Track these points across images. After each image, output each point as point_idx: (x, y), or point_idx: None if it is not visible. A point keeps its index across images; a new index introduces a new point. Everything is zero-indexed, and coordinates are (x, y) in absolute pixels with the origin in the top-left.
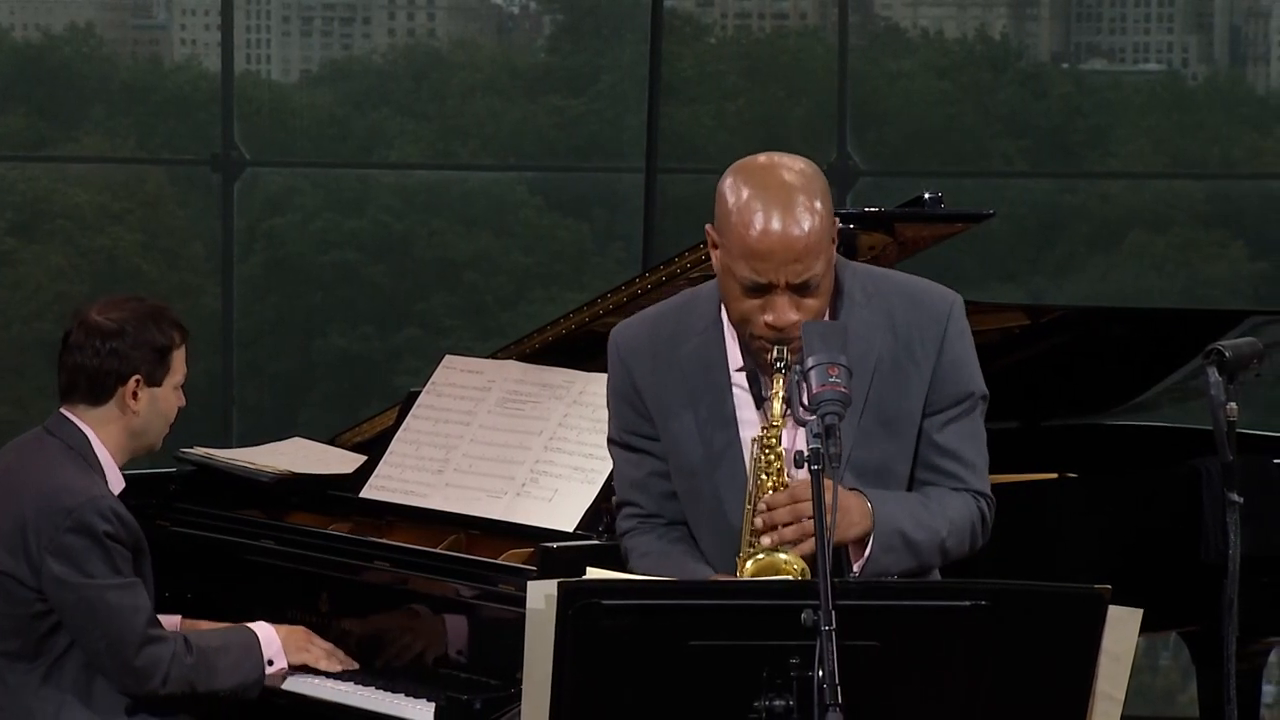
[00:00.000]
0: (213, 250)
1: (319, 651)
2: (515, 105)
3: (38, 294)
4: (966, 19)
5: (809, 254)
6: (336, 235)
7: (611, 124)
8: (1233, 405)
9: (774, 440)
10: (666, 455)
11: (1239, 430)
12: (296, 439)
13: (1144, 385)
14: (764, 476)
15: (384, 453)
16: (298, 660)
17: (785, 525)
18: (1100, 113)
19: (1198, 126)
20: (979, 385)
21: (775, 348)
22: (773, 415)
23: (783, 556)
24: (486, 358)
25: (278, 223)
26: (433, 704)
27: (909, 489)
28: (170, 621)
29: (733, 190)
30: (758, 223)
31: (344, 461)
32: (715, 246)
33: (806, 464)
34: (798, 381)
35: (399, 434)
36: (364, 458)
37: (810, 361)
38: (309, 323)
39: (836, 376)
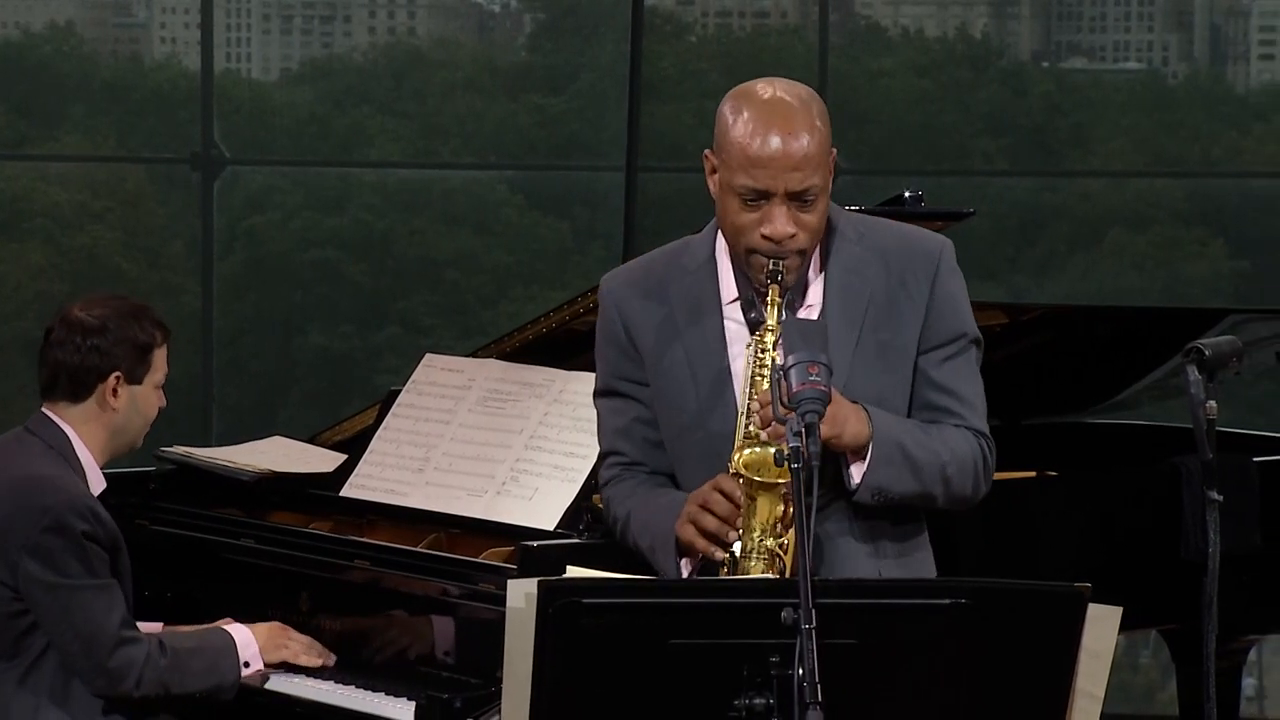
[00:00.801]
0: (193, 249)
1: (297, 646)
2: (496, 104)
3: (18, 293)
4: (947, 18)
5: (807, 163)
6: (317, 234)
7: (592, 123)
8: (1212, 403)
9: (770, 344)
10: (656, 396)
11: (1219, 428)
12: (277, 438)
13: (1124, 384)
14: (759, 377)
15: (364, 451)
16: (276, 658)
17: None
18: (1080, 111)
19: (1178, 125)
20: (972, 327)
21: (771, 261)
22: (768, 320)
23: (773, 450)
24: (467, 356)
25: (258, 221)
26: (413, 703)
27: None
28: (151, 629)
29: (733, 110)
30: (759, 130)
31: (324, 460)
32: (713, 172)
33: (786, 463)
34: (778, 380)
35: (379, 433)
36: (344, 456)
37: (790, 360)
38: (289, 321)
39: (817, 375)
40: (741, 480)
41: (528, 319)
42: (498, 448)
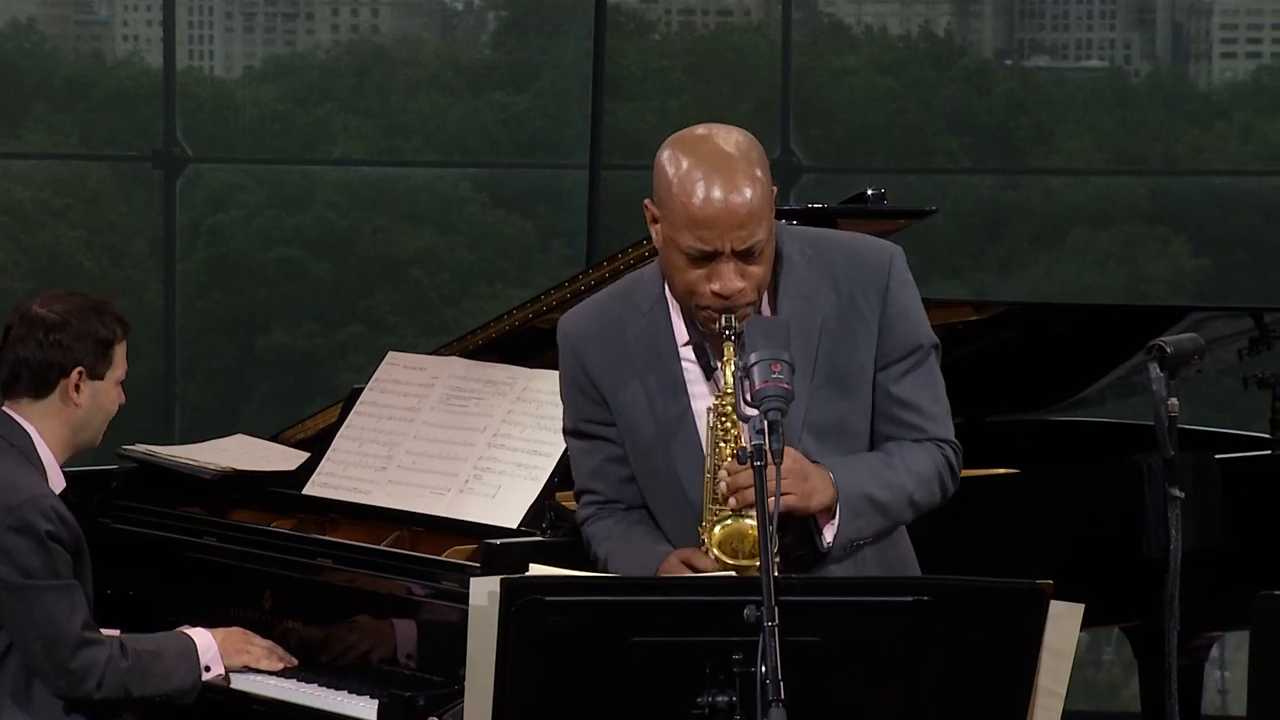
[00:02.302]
0: (155, 247)
1: (259, 651)
2: (459, 102)
3: None
4: (910, 15)
5: (752, 220)
6: (280, 232)
7: (555, 120)
8: (1174, 401)
9: (729, 408)
10: (622, 436)
11: (1181, 426)
12: (239, 436)
13: (1087, 381)
14: (722, 444)
15: (327, 450)
16: (237, 662)
17: (747, 489)
18: (1043, 109)
19: (1140, 123)
20: (928, 335)
21: (723, 316)
22: (725, 383)
23: (748, 521)
24: (430, 354)
25: (221, 219)
26: (376, 701)
27: (871, 445)
28: (109, 635)
29: (671, 162)
30: (700, 191)
31: (287, 458)
32: (655, 221)
33: (750, 460)
34: (740, 378)
35: (342, 431)
36: (307, 455)
37: (753, 358)
38: (252, 319)
39: (779, 372)
40: (716, 559)
41: (491, 317)
42: (461, 446)
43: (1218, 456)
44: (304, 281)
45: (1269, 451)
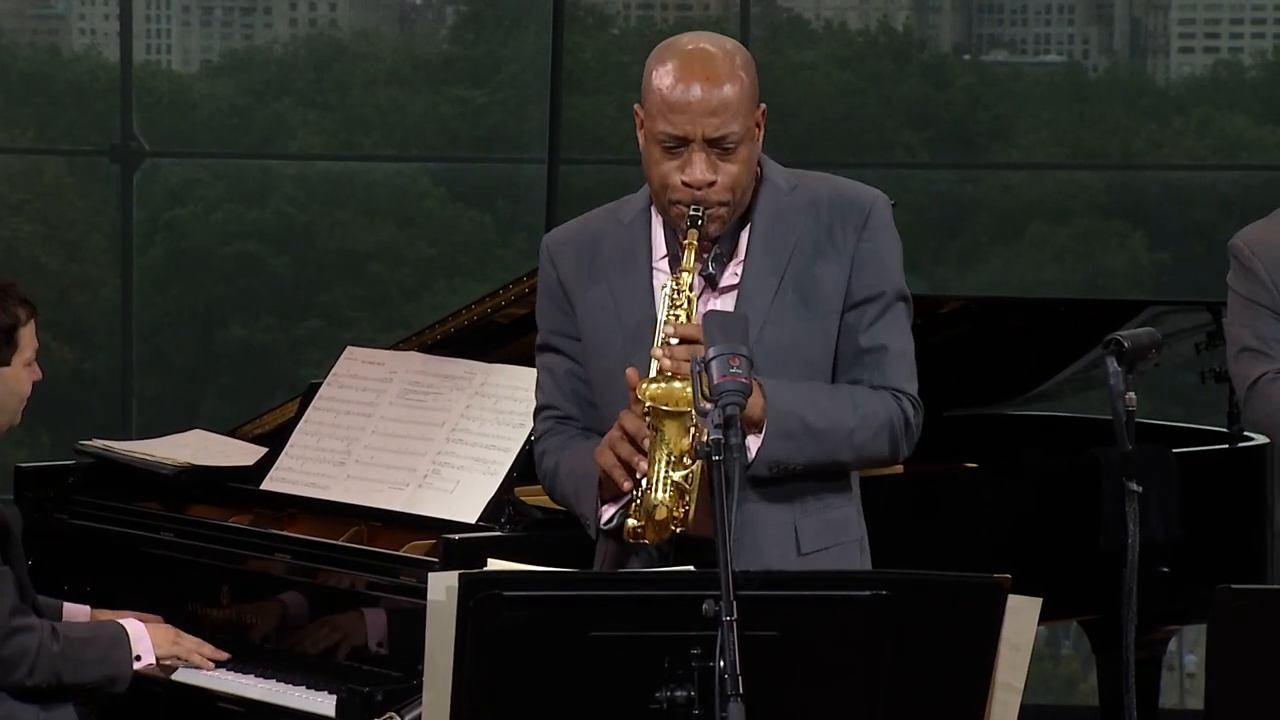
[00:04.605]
0: (113, 241)
1: (189, 644)
2: (418, 96)
3: None
4: (869, 10)
5: (725, 110)
6: (238, 226)
7: (514, 115)
8: (1132, 395)
9: (685, 285)
10: (585, 346)
11: (1139, 420)
12: (197, 431)
13: (1045, 375)
14: (672, 315)
15: (285, 445)
16: (168, 654)
17: (684, 362)
18: (1002, 104)
19: (1098, 118)
20: (899, 284)
21: (691, 207)
22: (685, 262)
23: (678, 384)
24: (388, 349)
25: (179, 214)
26: (334, 696)
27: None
28: (79, 612)
29: (658, 59)
30: (678, 77)
31: (245, 453)
32: (641, 126)
33: (708, 455)
34: (699, 372)
35: (300, 426)
36: (265, 450)
37: (711, 352)
38: (210, 314)
39: (737, 367)
40: (648, 413)
41: (450, 311)
42: (419, 440)
43: (1175, 450)
44: (262, 276)
45: (1226, 445)
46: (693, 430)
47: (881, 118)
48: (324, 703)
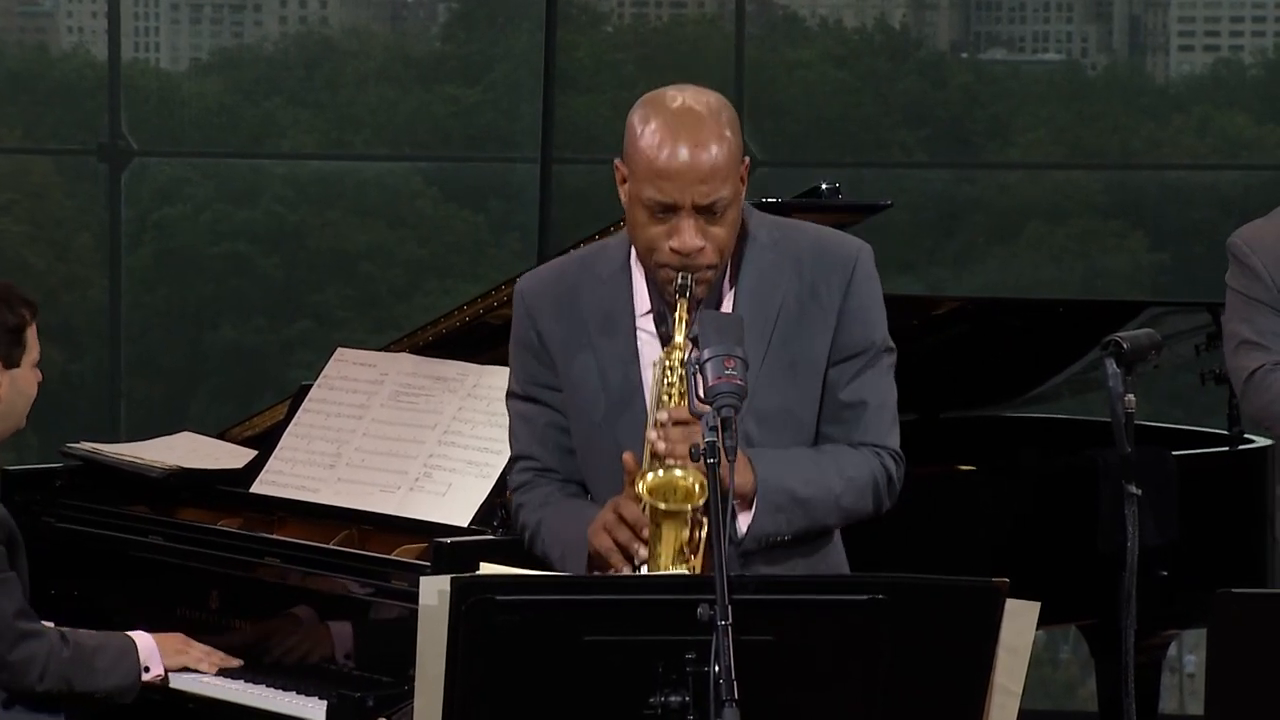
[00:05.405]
0: (101, 241)
1: (197, 653)
2: (409, 94)
3: None
4: (865, 8)
5: (715, 176)
6: (227, 226)
7: (507, 113)
8: (1131, 397)
9: (676, 363)
10: (567, 404)
11: (1138, 422)
12: (186, 433)
13: (1043, 377)
14: (665, 398)
15: (275, 447)
16: (176, 664)
17: (679, 444)
18: (999, 103)
19: (1097, 117)
20: (883, 335)
21: (680, 275)
22: (676, 338)
23: (679, 472)
24: (380, 350)
25: (167, 213)
26: (325, 702)
27: (815, 440)
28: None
29: (641, 119)
30: (665, 143)
31: (234, 456)
32: (624, 181)
33: (703, 457)
34: (694, 373)
35: (290, 428)
36: (255, 452)
37: (706, 354)
38: (199, 315)
39: (733, 369)
40: (646, 507)
41: (442, 312)
42: (411, 443)
43: (1175, 453)
44: (252, 276)
45: (1226, 448)
46: (693, 521)
47: (878, 116)
48: (314, 708)
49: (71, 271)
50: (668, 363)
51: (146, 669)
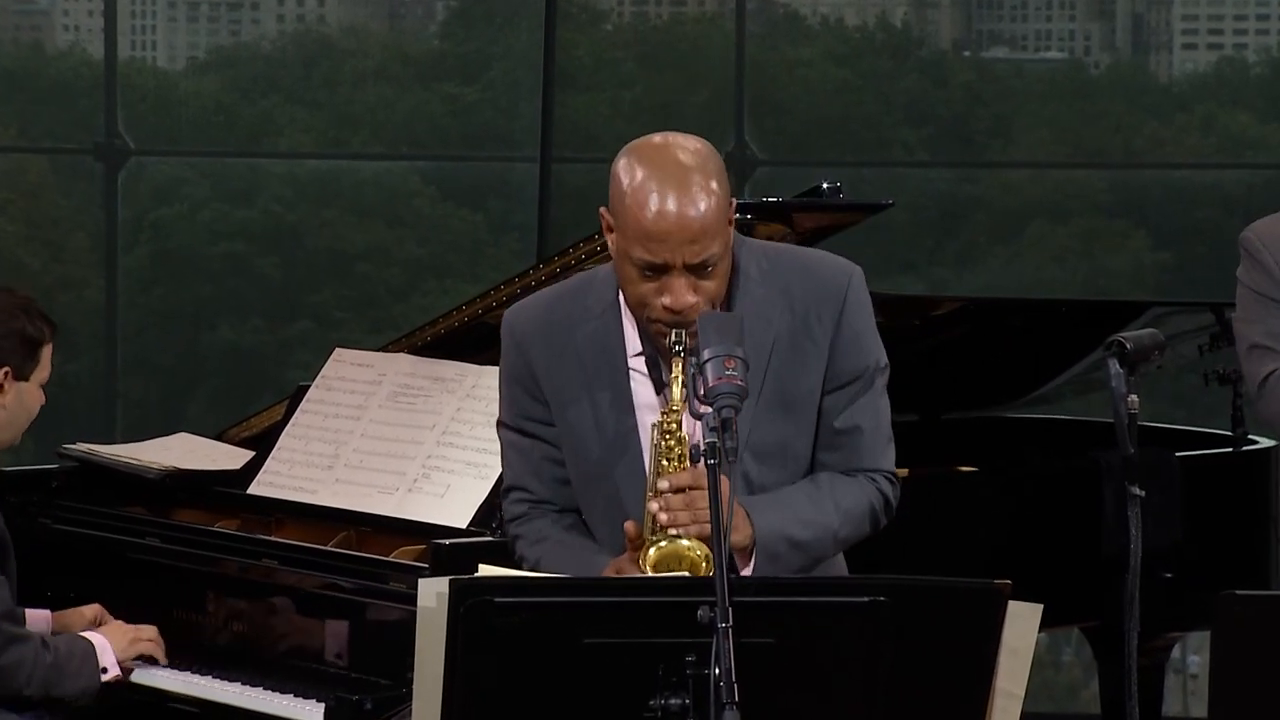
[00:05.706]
0: (97, 241)
1: (146, 640)
2: (408, 93)
3: None
4: (866, 6)
5: (705, 234)
6: (225, 226)
7: (506, 112)
8: (1134, 397)
9: (675, 425)
10: (561, 443)
11: (1141, 423)
12: (183, 434)
13: (1045, 377)
14: (665, 463)
15: (272, 448)
16: (132, 654)
17: (681, 513)
18: (1002, 101)
19: (1100, 115)
20: (876, 356)
21: (673, 331)
22: (673, 400)
23: (684, 543)
24: (378, 351)
25: (164, 213)
26: (322, 704)
27: (810, 468)
28: (39, 616)
29: (627, 171)
30: (653, 204)
31: (231, 457)
32: (610, 230)
33: (704, 458)
34: (694, 374)
35: (287, 429)
36: (252, 453)
37: (706, 354)
38: (197, 315)
39: (733, 369)
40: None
41: (440, 312)
42: (409, 444)
43: (1178, 454)
44: (250, 276)
45: (1230, 449)
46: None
47: (879, 115)
48: (312, 710)
49: (67, 271)
50: (665, 425)
51: (104, 670)
